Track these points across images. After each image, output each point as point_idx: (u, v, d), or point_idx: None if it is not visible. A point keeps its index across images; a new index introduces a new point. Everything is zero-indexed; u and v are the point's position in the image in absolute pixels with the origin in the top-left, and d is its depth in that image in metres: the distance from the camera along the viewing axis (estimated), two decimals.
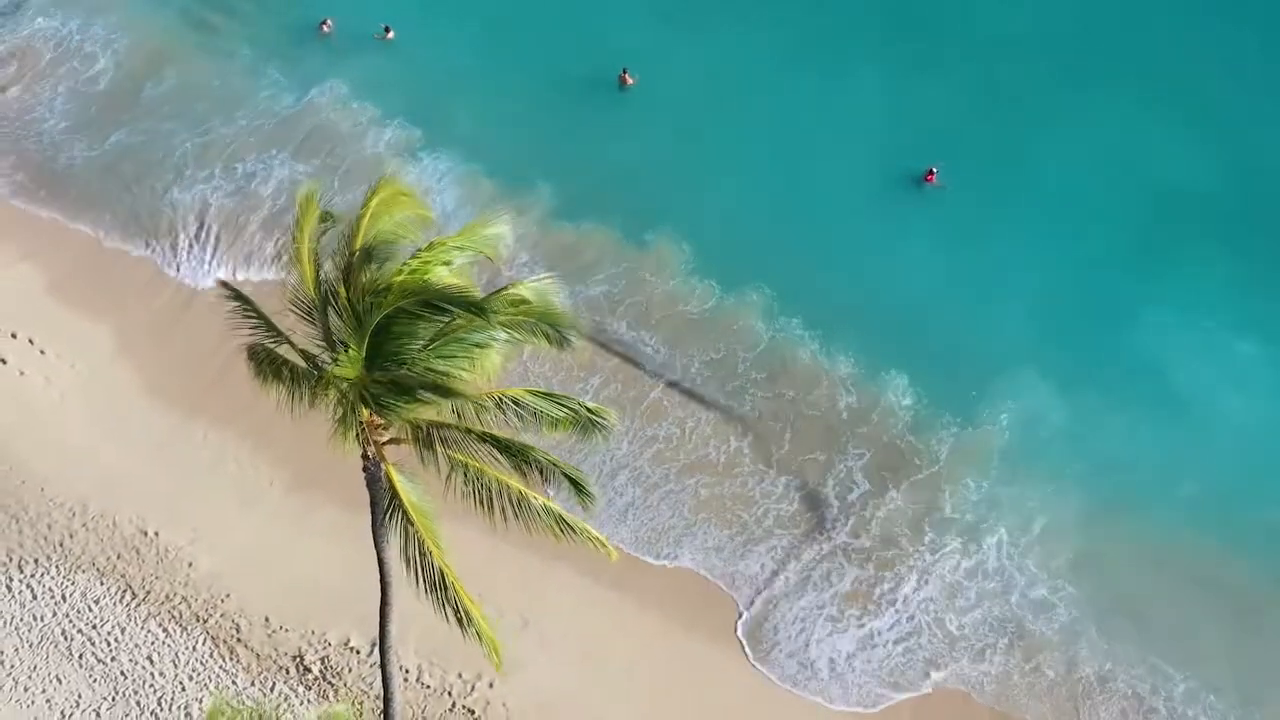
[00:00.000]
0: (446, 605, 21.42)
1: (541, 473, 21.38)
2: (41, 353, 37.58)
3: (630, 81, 44.81)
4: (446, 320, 20.58)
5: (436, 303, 19.92)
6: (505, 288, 21.24)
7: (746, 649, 32.55)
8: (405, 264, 20.69)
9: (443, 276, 20.55)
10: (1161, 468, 35.20)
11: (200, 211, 42.08)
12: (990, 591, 33.24)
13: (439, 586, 21.38)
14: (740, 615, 33.11)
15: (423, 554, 21.39)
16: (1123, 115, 43.23)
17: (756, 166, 42.65)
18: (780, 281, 39.29)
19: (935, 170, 41.29)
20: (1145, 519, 34.31)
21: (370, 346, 20.67)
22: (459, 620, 21.50)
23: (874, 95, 44.15)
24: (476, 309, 19.90)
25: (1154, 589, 33.13)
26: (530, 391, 21.39)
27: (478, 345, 20.56)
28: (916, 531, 34.32)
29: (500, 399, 21.28)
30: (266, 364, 21.77)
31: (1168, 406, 36.42)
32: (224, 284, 23.77)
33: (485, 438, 21.05)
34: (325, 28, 47.52)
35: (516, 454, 21.12)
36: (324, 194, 26.89)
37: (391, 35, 46.94)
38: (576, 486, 21.28)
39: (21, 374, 36.95)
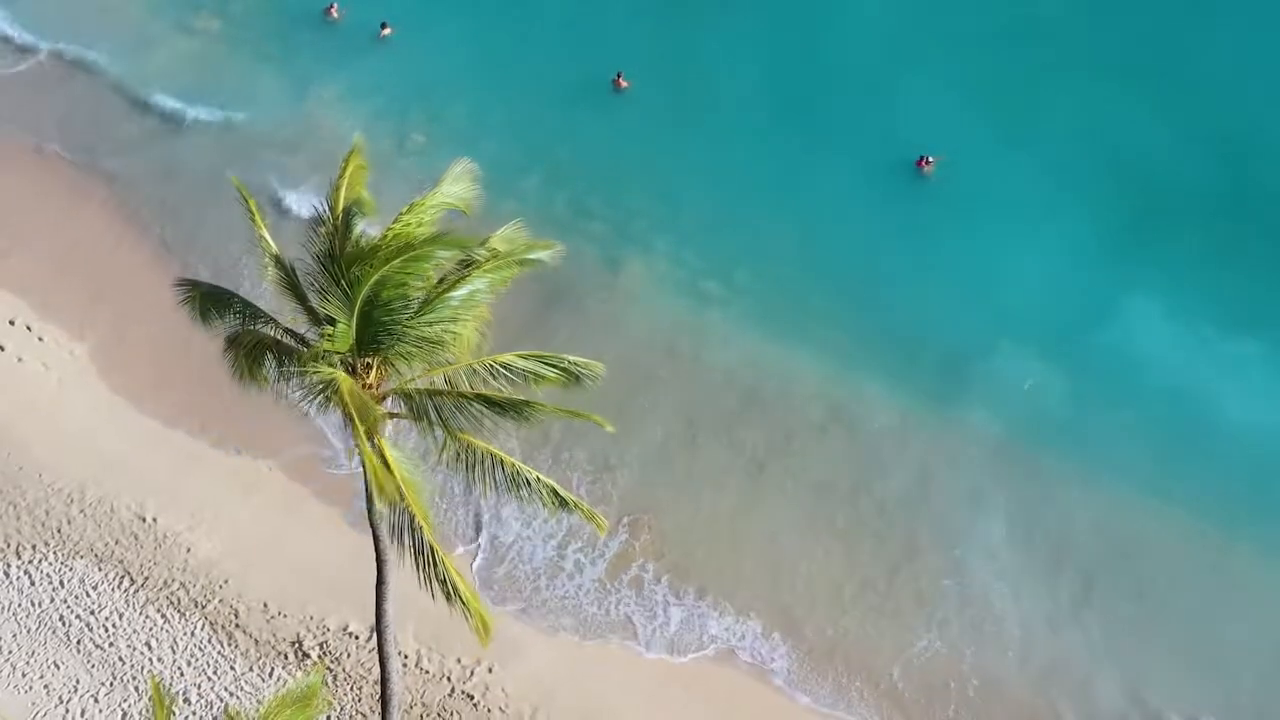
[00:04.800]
0: (435, 580, 21.38)
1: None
2: (40, 339, 37.66)
3: (624, 85, 44.85)
4: (433, 286, 20.70)
5: (423, 251, 20.00)
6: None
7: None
8: (388, 229, 20.79)
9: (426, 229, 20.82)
10: (1159, 467, 35.05)
11: None
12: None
13: (429, 563, 21.35)
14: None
15: (412, 528, 21.35)
16: (1118, 105, 43.30)
17: (749, 164, 42.77)
18: (775, 272, 39.42)
19: (930, 159, 41.53)
20: (1142, 520, 34.11)
21: (360, 318, 20.61)
22: (445, 594, 21.46)
23: (868, 87, 44.45)
24: (463, 244, 20.39)
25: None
26: (520, 355, 21.57)
27: (464, 303, 20.69)
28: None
29: (491, 365, 21.43)
30: (246, 351, 21.66)
31: (1168, 404, 36.28)
32: (183, 281, 23.46)
33: (480, 398, 21.05)
34: (333, 13, 47.57)
35: (514, 409, 21.07)
36: (321, 192, 26.88)
37: (388, 32, 46.97)
38: (591, 420, 21.61)
39: (20, 360, 36.99)
